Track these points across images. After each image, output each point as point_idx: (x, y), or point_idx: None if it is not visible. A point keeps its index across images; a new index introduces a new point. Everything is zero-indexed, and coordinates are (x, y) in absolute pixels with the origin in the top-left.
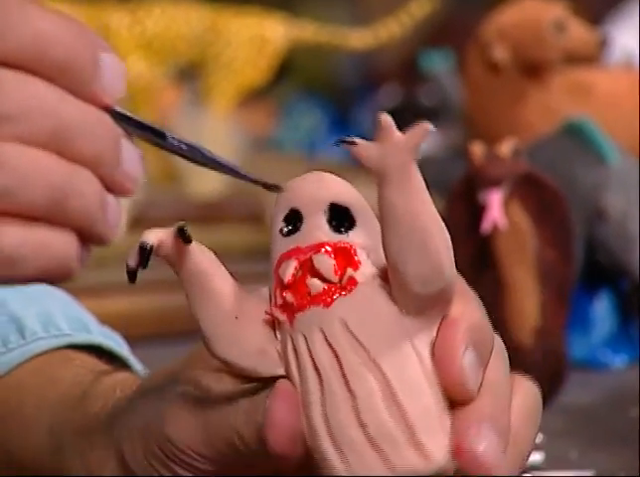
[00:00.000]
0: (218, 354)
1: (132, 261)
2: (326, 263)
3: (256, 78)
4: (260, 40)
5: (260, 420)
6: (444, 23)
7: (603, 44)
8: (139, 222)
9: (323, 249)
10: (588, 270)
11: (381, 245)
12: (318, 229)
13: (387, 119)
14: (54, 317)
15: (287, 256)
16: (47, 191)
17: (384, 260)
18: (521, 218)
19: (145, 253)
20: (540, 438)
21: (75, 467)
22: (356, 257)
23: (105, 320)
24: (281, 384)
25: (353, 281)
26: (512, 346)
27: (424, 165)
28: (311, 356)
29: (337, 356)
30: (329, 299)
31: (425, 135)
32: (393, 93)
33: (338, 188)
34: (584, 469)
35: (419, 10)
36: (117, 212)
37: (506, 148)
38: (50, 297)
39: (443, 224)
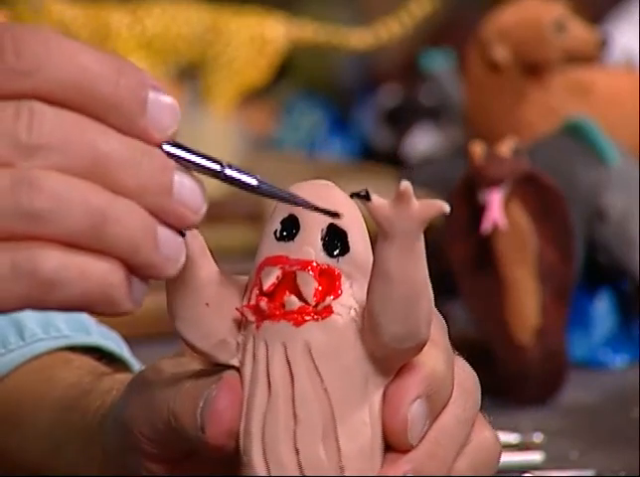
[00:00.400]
0: (180, 331)
1: None
2: (308, 284)
3: (257, 77)
4: (261, 40)
5: (200, 405)
6: (444, 23)
7: (603, 44)
8: None
9: (309, 268)
10: (589, 270)
11: (367, 279)
12: (311, 245)
13: (407, 187)
14: (53, 318)
15: (273, 262)
16: (85, 216)
17: (365, 295)
18: (521, 218)
19: None
20: (540, 438)
21: (72, 467)
22: (339, 286)
23: (105, 321)
24: (230, 376)
25: (329, 309)
26: (512, 346)
27: (424, 165)
28: (267, 366)
29: (292, 376)
30: (300, 319)
31: (440, 213)
32: (393, 93)
33: (343, 209)
34: (585, 469)
35: (420, 10)
36: (175, 243)
37: (506, 148)
38: None
39: (431, 290)
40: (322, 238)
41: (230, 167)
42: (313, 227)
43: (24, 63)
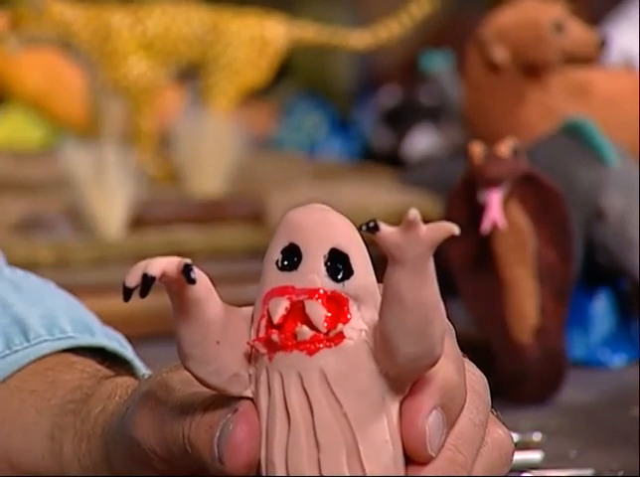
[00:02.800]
0: (191, 369)
1: (132, 282)
2: (317, 312)
3: (257, 78)
4: (261, 40)
5: (217, 435)
6: (444, 23)
7: (603, 44)
8: (139, 221)
9: (317, 295)
10: (587, 270)
11: (373, 299)
12: (315, 272)
13: (415, 214)
14: (58, 319)
15: (280, 293)
16: None
17: (373, 315)
18: (520, 217)
19: (147, 284)
20: (539, 437)
21: (74, 471)
22: (347, 310)
23: (106, 320)
24: (246, 407)
25: (341, 336)
26: (511, 346)
27: (424, 165)
28: (284, 397)
29: (310, 404)
30: (313, 347)
31: (449, 235)
32: (393, 93)
33: (342, 232)
34: (584, 468)
35: (420, 10)
36: None
37: (505, 148)
38: (53, 299)
39: (444, 310)
40: (325, 264)
41: None
42: (315, 254)
43: None
